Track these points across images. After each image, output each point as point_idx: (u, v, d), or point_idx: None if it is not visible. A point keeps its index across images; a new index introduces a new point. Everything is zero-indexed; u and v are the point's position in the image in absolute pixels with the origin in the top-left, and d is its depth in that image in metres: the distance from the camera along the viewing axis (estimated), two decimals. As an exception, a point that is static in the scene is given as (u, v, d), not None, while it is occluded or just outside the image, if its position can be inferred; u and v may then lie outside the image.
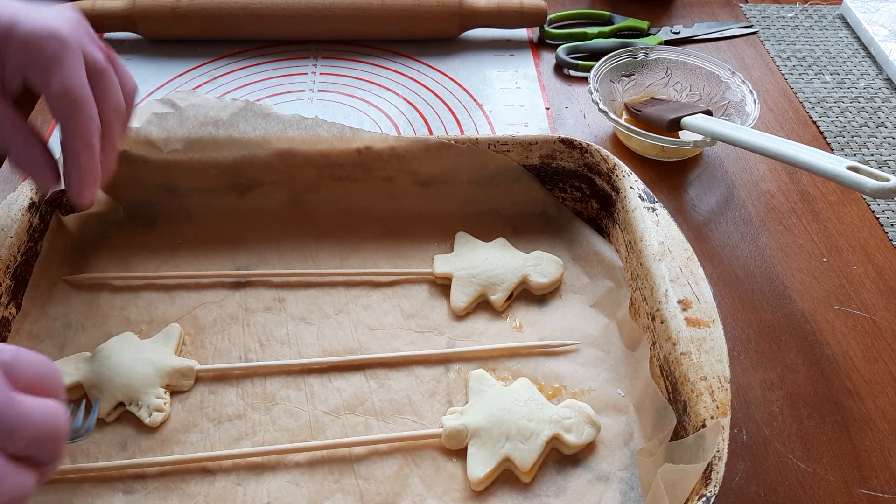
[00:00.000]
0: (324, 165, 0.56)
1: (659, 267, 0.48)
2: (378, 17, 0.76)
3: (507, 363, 0.50)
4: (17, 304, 0.50)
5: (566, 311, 0.53)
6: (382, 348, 0.51)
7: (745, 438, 0.48)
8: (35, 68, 0.40)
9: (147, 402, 0.46)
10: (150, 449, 0.45)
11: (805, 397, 0.50)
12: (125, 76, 0.45)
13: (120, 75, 0.45)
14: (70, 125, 0.41)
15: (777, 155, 0.55)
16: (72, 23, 0.42)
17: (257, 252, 0.56)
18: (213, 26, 0.76)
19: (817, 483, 0.46)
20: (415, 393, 0.48)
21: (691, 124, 0.63)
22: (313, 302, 0.53)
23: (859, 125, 0.73)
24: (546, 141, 0.56)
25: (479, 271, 0.54)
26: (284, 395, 0.48)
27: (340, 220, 0.58)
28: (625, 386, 0.49)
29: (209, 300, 0.53)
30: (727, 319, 0.55)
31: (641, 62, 0.71)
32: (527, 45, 0.81)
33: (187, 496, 0.43)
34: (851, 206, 0.64)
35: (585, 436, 0.45)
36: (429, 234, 0.58)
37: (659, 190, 0.65)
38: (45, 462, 0.31)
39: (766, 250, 0.60)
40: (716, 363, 0.43)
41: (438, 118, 0.71)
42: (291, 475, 0.44)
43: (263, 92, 0.73)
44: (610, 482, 0.44)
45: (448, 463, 0.45)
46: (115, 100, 0.43)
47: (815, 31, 0.86)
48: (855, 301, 0.57)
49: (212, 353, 0.50)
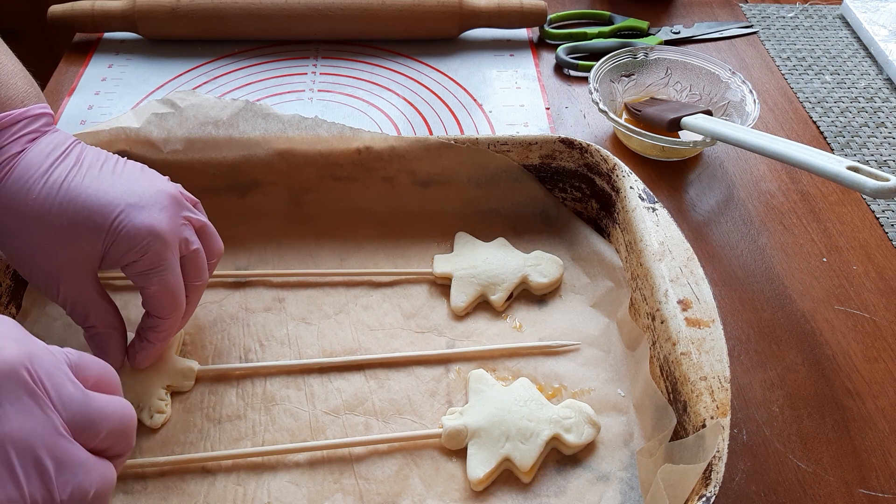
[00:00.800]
0: (324, 165, 0.56)
1: (659, 267, 0.48)
2: (378, 17, 0.76)
3: (507, 363, 0.50)
4: (17, 304, 0.50)
5: (566, 311, 0.53)
6: (382, 348, 0.51)
7: (745, 438, 0.48)
8: (137, 267, 0.43)
9: (148, 403, 0.46)
10: (150, 449, 0.45)
11: (805, 397, 0.50)
12: (213, 240, 0.48)
13: (209, 242, 0.47)
14: (158, 321, 0.44)
15: (777, 155, 0.55)
16: (172, 212, 0.44)
17: (257, 252, 0.56)
18: (213, 26, 0.76)
19: (817, 483, 0.46)
20: (415, 393, 0.48)
21: (691, 124, 0.63)
22: (313, 302, 0.53)
23: (859, 125, 0.73)
24: (546, 141, 0.56)
25: (479, 271, 0.54)
26: (284, 395, 0.48)
27: (340, 220, 0.58)
28: (625, 386, 0.49)
29: (209, 300, 0.53)
30: (727, 319, 0.55)
31: (641, 62, 0.71)
32: (527, 45, 0.81)
33: (187, 496, 0.43)
34: (851, 206, 0.64)
35: (585, 436, 0.45)
36: (429, 234, 0.58)
37: (659, 190, 0.65)
38: (119, 454, 0.33)
39: (766, 250, 0.60)
40: (716, 363, 0.43)
41: (438, 118, 0.71)
42: (291, 475, 0.44)
43: (263, 92, 0.73)
44: (610, 482, 0.44)
45: (448, 463, 0.45)
46: (203, 277, 0.47)
47: (815, 31, 0.86)
48: (855, 301, 0.57)
49: (212, 353, 0.50)
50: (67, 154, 0.43)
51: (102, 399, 0.32)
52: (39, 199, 0.41)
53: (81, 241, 0.42)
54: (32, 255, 0.42)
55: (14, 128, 0.42)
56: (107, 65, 0.76)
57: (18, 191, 0.41)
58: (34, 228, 0.41)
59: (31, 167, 0.42)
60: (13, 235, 0.42)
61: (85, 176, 0.42)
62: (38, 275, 0.43)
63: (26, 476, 0.28)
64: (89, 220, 0.41)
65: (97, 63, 0.76)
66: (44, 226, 0.41)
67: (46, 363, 0.30)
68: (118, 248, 0.42)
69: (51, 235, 0.41)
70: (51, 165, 0.42)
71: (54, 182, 0.42)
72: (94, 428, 0.31)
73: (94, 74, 0.74)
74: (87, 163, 0.43)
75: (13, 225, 0.41)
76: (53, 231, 0.41)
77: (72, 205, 0.41)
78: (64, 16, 0.75)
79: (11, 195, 0.41)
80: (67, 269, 0.42)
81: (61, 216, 0.41)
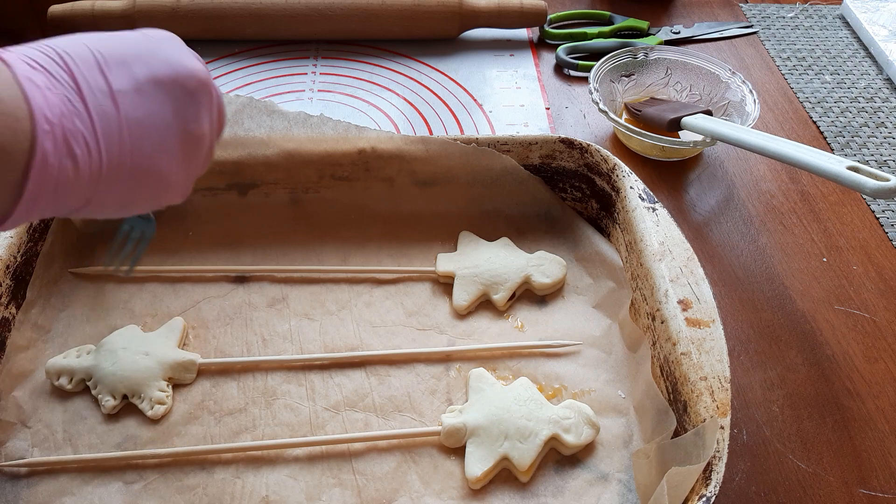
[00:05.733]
0: (324, 165, 0.56)
1: (659, 267, 0.48)
2: (378, 17, 0.76)
3: (508, 363, 0.50)
4: (17, 304, 0.50)
5: (568, 311, 0.53)
6: (384, 345, 0.51)
7: (745, 438, 0.48)
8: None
9: (149, 394, 0.46)
10: (151, 441, 0.45)
11: (805, 397, 0.50)
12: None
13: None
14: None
15: (777, 155, 0.55)
16: (198, 139, 0.39)
17: (261, 249, 0.56)
18: (213, 26, 0.76)
19: (817, 483, 0.46)
20: (415, 390, 0.48)
21: (691, 124, 0.63)
22: (316, 298, 0.53)
23: (859, 125, 0.73)
24: (546, 141, 0.56)
25: (481, 270, 0.54)
26: (285, 390, 0.48)
27: (343, 219, 0.58)
28: (625, 387, 0.49)
29: (213, 294, 0.53)
30: (727, 319, 0.55)
31: (641, 62, 0.71)
32: (527, 45, 0.81)
33: (186, 488, 0.43)
34: (851, 206, 0.64)
35: (584, 436, 0.45)
36: (432, 233, 0.58)
37: (659, 190, 0.65)
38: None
39: (766, 250, 0.60)
40: (716, 363, 0.43)
41: (438, 118, 0.71)
42: (290, 469, 0.44)
43: (263, 92, 0.73)
44: (608, 483, 0.44)
45: (446, 461, 0.45)
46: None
47: (815, 31, 0.86)
48: (855, 301, 0.57)
49: (214, 346, 0.50)
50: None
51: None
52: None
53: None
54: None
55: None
56: (107, 64, 0.75)
57: None
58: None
59: None
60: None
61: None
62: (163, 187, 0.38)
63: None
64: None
65: (97, 62, 0.76)
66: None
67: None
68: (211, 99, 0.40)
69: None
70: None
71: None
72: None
73: (95, 74, 0.74)
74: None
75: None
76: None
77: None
78: (64, 16, 0.75)
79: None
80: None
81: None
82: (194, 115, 0.37)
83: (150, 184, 0.36)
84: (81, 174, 0.32)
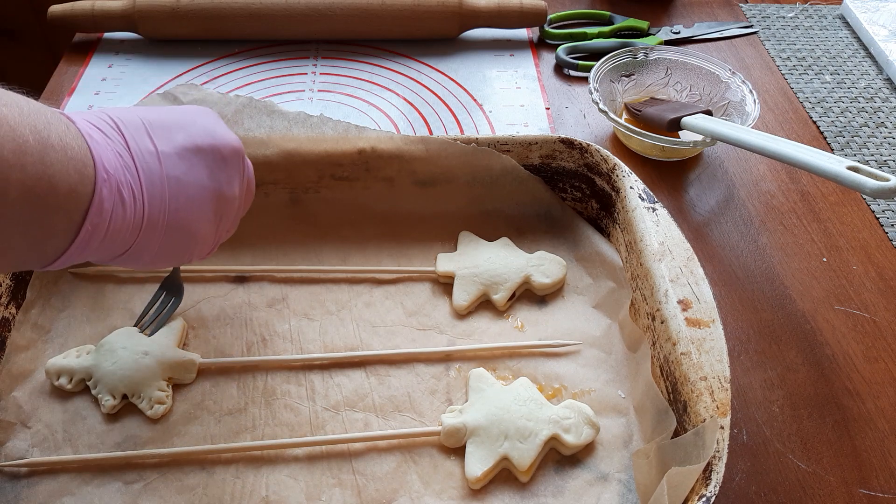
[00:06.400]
0: (324, 165, 0.56)
1: (659, 267, 0.48)
2: (378, 17, 0.76)
3: (508, 362, 0.50)
4: (17, 304, 0.50)
5: (568, 311, 0.53)
6: (384, 345, 0.51)
7: (745, 438, 0.48)
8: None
9: (149, 394, 0.46)
10: (150, 440, 0.45)
11: (805, 397, 0.50)
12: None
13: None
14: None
15: (777, 155, 0.55)
16: (229, 201, 0.43)
17: (261, 249, 0.56)
18: (213, 26, 0.76)
19: (817, 483, 0.46)
20: (415, 390, 0.48)
21: (691, 124, 0.63)
22: (316, 298, 0.53)
23: (859, 125, 0.73)
24: (546, 141, 0.56)
25: (481, 270, 0.54)
26: (285, 390, 0.48)
27: (343, 218, 0.58)
28: (625, 387, 0.49)
29: (213, 294, 0.53)
30: (727, 319, 0.55)
31: (641, 62, 0.71)
32: (527, 45, 0.81)
33: (186, 488, 0.43)
34: (851, 206, 0.64)
35: (584, 436, 0.45)
36: (432, 233, 0.58)
37: (659, 190, 0.65)
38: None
39: (766, 250, 0.60)
40: (716, 363, 0.43)
41: (438, 118, 0.71)
42: (290, 469, 0.44)
43: (263, 92, 0.73)
44: (608, 483, 0.44)
45: (446, 461, 0.45)
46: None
47: (815, 31, 0.86)
48: (855, 301, 0.57)
49: (214, 346, 0.50)
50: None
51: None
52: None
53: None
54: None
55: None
56: (107, 65, 0.76)
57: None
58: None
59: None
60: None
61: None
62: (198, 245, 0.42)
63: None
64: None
65: (97, 63, 0.76)
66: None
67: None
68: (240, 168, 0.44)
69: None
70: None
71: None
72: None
73: (94, 74, 0.74)
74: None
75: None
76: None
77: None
78: (64, 16, 0.75)
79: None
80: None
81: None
82: (227, 180, 0.42)
83: (182, 237, 0.40)
84: (127, 221, 0.36)
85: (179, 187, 0.39)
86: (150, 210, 0.37)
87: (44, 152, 0.31)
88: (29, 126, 0.31)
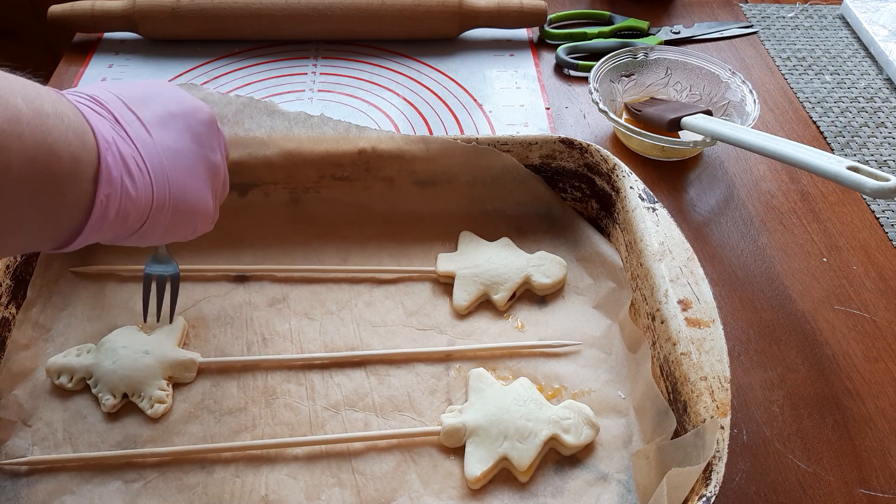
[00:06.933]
0: (324, 165, 0.56)
1: (659, 267, 0.48)
2: (378, 17, 0.76)
3: (508, 363, 0.50)
4: (17, 304, 0.50)
5: (568, 311, 0.53)
6: (384, 345, 0.51)
7: (745, 438, 0.48)
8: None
9: (149, 393, 0.46)
10: (151, 439, 0.45)
11: (805, 397, 0.50)
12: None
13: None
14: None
15: (777, 155, 0.55)
16: (218, 167, 0.43)
17: (261, 249, 0.56)
18: (213, 26, 0.76)
19: (817, 483, 0.46)
20: (415, 390, 0.48)
21: (691, 124, 0.63)
22: (316, 298, 0.53)
23: (859, 125, 0.73)
24: (546, 141, 0.56)
25: (482, 270, 0.54)
26: (285, 389, 0.48)
27: (344, 218, 0.58)
28: (625, 388, 0.49)
29: (213, 294, 0.53)
30: (727, 319, 0.55)
31: (641, 62, 0.71)
32: (527, 45, 0.81)
33: (185, 487, 0.43)
34: (851, 206, 0.64)
35: (584, 437, 0.45)
36: (433, 233, 0.58)
37: (659, 190, 0.65)
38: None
39: (766, 250, 0.60)
40: (716, 363, 0.43)
41: (438, 118, 0.71)
42: (290, 468, 0.44)
43: (263, 92, 0.73)
44: (608, 484, 0.44)
45: (446, 461, 0.45)
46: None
47: (815, 31, 0.86)
48: (855, 301, 0.57)
49: (214, 346, 0.50)
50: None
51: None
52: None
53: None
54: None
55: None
56: (107, 65, 0.76)
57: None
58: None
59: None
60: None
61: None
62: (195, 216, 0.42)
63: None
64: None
65: (97, 63, 0.76)
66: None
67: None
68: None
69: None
70: None
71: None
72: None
73: (94, 74, 0.74)
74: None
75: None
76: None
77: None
78: (64, 15, 0.75)
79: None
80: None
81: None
82: (210, 145, 0.41)
83: (188, 206, 0.39)
84: (139, 192, 0.36)
85: (175, 157, 0.38)
86: (155, 180, 0.37)
87: (39, 120, 0.30)
88: (20, 95, 0.30)
